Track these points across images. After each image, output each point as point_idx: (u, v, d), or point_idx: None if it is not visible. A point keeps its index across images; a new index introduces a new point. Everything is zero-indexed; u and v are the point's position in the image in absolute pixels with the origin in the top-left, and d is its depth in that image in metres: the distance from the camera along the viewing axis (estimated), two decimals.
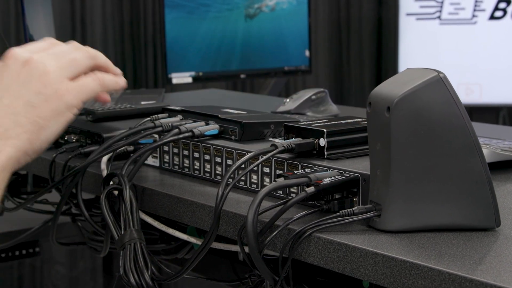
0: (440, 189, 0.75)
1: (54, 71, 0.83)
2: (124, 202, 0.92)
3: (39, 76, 0.82)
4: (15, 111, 0.79)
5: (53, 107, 0.81)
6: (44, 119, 0.81)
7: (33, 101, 0.80)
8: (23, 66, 0.82)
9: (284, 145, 0.87)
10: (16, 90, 0.81)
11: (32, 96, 0.81)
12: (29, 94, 0.81)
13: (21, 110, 0.80)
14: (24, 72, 0.82)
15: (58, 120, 0.82)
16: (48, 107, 0.81)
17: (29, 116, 0.80)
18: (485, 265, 0.68)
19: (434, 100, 0.74)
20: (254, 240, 0.77)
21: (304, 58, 2.60)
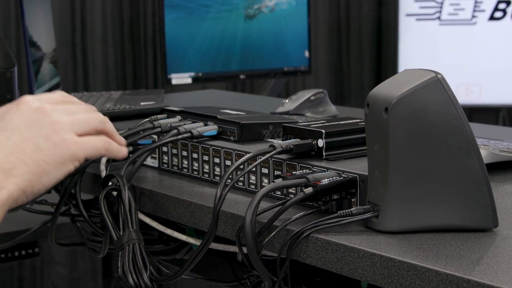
0: (438, 190, 0.76)
1: (65, 123, 0.85)
2: (123, 203, 0.92)
3: (50, 123, 0.84)
4: (23, 151, 0.81)
5: (59, 154, 0.83)
6: (48, 164, 0.82)
7: (41, 144, 0.82)
8: (35, 112, 0.84)
9: (282, 146, 0.87)
10: (26, 131, 0.82)
11: (40, 140, 0.82)
12: (38, 138, 0.82)
13: (28, 151, 0.81)
14: (35, 116, 0.84)
15: (60, 168, 0.83)
16: (54, 154, 0.83)
17: (35, 159, 0.81)
18: (482, 265, 0.68)
19: (432, 101, 0.75)
20: (252, 241, 0.78)
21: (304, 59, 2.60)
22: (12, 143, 0.81)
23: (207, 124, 1.02)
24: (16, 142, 0.81)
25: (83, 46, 3.12)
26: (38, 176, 0.81)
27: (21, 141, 0.82)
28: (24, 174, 0.80)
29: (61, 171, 0.84)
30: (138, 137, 1.01)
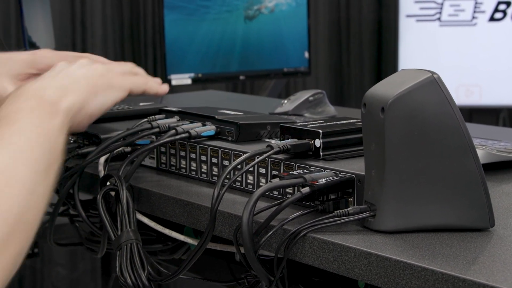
0: (434, 190, 0.76)
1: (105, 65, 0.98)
2: (121, 203, 0.92)
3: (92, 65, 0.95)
4: (75, 77, 0.90)
5: (107, 81, 0.94)
6: (99, 87, 0.92)
7: (90, 74, 0.93)
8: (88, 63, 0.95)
9: (279, 146, 0.87)
10: (75, 68, 0.92)
11: (89, 71, 0.93)
12: (86, 71, 0.93)
13: (80, 78, 0.91)
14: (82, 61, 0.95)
15: (110, 93, 0.94)
16: (102, 80, 0.93)
17: (87, 83, 0.91)
18: (478, 265, 0.68)
19: (428, 100, 0.75)
20: (249, 241, 0.78)
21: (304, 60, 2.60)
22: (64, 74, 0.90)
23: (205, 125, 1.02)
24: (67, 74, 0.90)
25: (83, 47, 3.12)
26: (92, 95, 0.90)
27: (72, 72, 0.91)
28: (80, 91, 0.88)
29: (111, 96, 0.94)
30: (136, 137, 1.02)
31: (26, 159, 0.71)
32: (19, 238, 0.66)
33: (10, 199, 0.67)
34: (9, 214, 0.66)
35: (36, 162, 0.72)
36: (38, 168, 0.71)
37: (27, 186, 0.69)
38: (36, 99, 0.79)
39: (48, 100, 0.81)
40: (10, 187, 0.67)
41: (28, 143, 0.73)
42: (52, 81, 0.86)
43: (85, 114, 0.89)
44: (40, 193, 0.71)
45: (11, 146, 0.71)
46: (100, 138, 1.11)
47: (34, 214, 0.69)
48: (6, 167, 0.69)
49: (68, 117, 0.82)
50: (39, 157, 0.72)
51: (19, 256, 0.67)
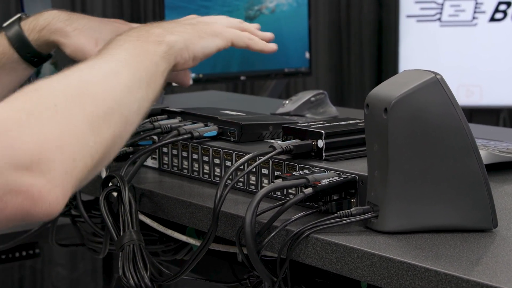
0: (437, 190, 0.76)
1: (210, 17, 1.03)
2: (123, 204, 0.92)
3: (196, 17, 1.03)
4: (180, 22, 0.97)
5: (211, 28, 0.99)
6: (204, 32, 0.97)
7: (195, 23, 0.99)
8: None
9: (282, 146, 0.87)
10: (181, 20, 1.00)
11: (193, 22, 0.99)
12: (191, 21, 0.99)
13: (186, 24, 0.97)
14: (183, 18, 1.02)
15: (213, 39, 0.98)
16: (207, 27, 0.99)
17: (192, 28, 0.96)
18: (481, 266, 0.68)
19: (431, 101, 0.75)
20: (252, 241, 0.78)
21: (304, 60, 2.60)
22: (172, 22, 0.97)
23: (207, 125, 1.02)
24: (175, 23, 0.97)
25: None
26: (196, 38, 0.95)
27: (179, 21, 0.98)
28: (185, 33, 0.94)
29: (214, 42, 0.98)
30: (138, 137, 1.02)
31: (128, 66, 0.80)
32: (116, 122, 0.74)
33: (109, 87, 0.76)
34: (108, 97, 0.75)
35: (137, 71, 0.81)
36: (138, 76, 0.81)
37: (126, 84, 0.78)
38: (145, 32, 0.89)
39: (155, 32, 0.89)
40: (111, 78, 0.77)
41: (131, 56, 0.82)
42: (160, 24, 0.94)
43: (189, 53, 0.94)
44: (138, 97, 0.79)
45: (116, 56, 0.81)
46: None
47: (130, 111, 0.78)
48: (109, 67, 0.79)
49: (172, 49, 0.90)
50: (140, 69, 0.82)
51: (117, 140, 0.75)
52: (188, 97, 2.01)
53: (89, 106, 0.72)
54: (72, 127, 0.69)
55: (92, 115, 0.72)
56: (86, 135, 0.70)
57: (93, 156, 0.71)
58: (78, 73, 0.76)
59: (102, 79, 0.76)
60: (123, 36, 0.87)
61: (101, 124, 0.72)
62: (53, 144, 0.67)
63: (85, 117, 0.71)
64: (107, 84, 0.76)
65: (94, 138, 0.71)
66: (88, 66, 0.78)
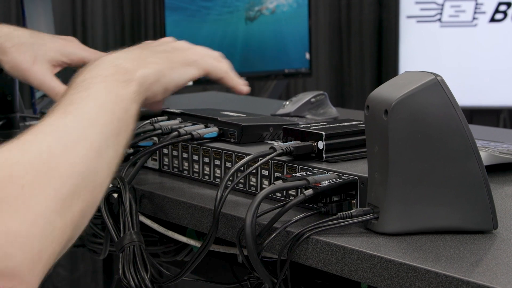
0: (437, 192, 0.76)
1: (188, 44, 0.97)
2: (124, 205, 0.92)
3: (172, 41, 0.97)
4: (155, 53, 0.91)
5: (185, 57, 0.93)
6: (176, 63, 0.92)
7: (168, 50, 0.93)
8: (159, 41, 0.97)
9: (282, 147, 0.87)
10: (154, 47, 0.94)
11: (167, 48, 0.94)
12: (165, 47, 0.94)
13: (159, 53, 0.92)
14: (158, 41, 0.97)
15: (187, 69, 0.93)
16: (180, 55, 0.93)
17: (165, 57, 0.91)
18: (482, 267, 0.68)
19: (432, 103, 0.75)
20: (253, 243, 0.78)
21: (305, 61, 2.60)
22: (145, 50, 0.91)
23: (208, 126, 1.02)
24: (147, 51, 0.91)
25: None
26: (169, 69, 0.90)
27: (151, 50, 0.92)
28: (157, 63, 0.89)
29: (187, 72, 0.93)
30: (139, 139, 1.02)
31: (96, 123, 0.73)
32: (85, 195, 0.68)
33: (78, 157, 0.68)
34: (75, 171, 0.67)
35: (106, 127, 0.73)
36: (108, 133, 0.73)
37: (95, 148, 0.70)
38: (113, 67, 0.81)
39: (124, 68, 0.82)
40: (79, 146, 0.69)
41: (100, 108, 0.74)
42: (131, 53, 0.88)
43: (160, 87, 0.88)
44: (108, 157, 0.72)
45: (83, 110, 0.73)
46: None
47: (101, 176, 0.71)
48: (76, 128, 0.70)
49: (143, 86, 0.83)
50: (109, 122, 0.74)
51: (86, 214, 0.69)
52: (189, 98, 2.01)
53: (56, 185, 0.65)
54: (38, 214, 0.63)
55: (59, 195, 0.65)
56: (52, 220, 0.64)
57: (61, 239, 0.65)
58: (43, 140, 0.68)
59: (69, 149, 0.68)
60: (88, 75, 0.79)
61: (69, 202, 0.66)
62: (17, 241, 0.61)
63: (52, 200, 0.64)
64: (75, 154, 0.68)
65: (61, 220, 0.65)
66: (53, 129, 0.70)
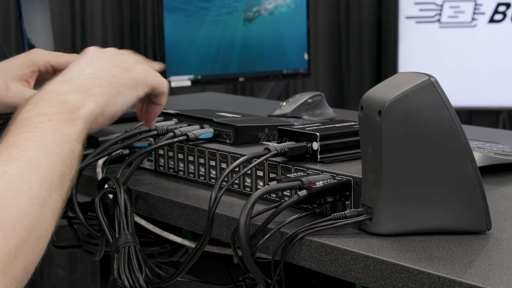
0: (431, 193, 0.76)
1: (133, 56, 0.94)
2: (119, 206, 0.92)
3: (118, 55, 0.92)
4: (98, 77, 0.87)
5: (130, 77, 0.90)
6: (122, 86, 0.88)
7: (114, 71, 0.89)
8: (103, 52, 0.93)
9: (277, 148, 0.87)
10: (98, 63, 0.89)
11: (112, 67, 0.89)
12: (110, 66, 0.89)
13: (103, 76, 0.87)
14: (104, 54, 0.92)
15: (133, 90, 0.90)
16: (126, 76, 0.89)
17: (110, 81, 0.87)
18: (474, 268, 0.68)
19: (425, 104, 0.75)
20: (247, 244, 0.78)
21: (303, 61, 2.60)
22: (87, 72, 0.87)
23: (203, 127, 1.02)
24: (90, 72, 0.87)
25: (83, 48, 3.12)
26: (114, 96, 0.86)
27: (95, 70, 0.88)
28: (102, 94, 0.85)
29: (133, 93, 0.90)
30: (134, 139, 1.02)
31: (40, 169, 0.69)
32: (29, 250, 0.65)
33: (21, 210, 0.65)
34: (19, 224, 0.64)
35: (51, 172, 0.70)
36: (53, 178, 0.70)
37: (39, 197, 0.67)
38: (58, 105, 0.78)
39: (70, 106, 0.79)
40: (21, 197, 0.66)
41: (45, 153, 0.71)
42: (76, 82, 0.84)
43: (106, 117, 0.86)
44: (53, 203, 0.69)
45: (26, 154, 0.70)
46: (98, 141, 1.11)
47: (45, 225, 0.68)
48: (18, 177, 0.67)
49: (88, 123, 0.80)
50: (54, 167, 0.71)
51: (29, 269, 0.66)
52: (186, 98, 2.01)
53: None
54: None
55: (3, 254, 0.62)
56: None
57: None
58: None
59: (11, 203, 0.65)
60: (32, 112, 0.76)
61: (12, 261, 0.63)
62: None
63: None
64: (18, 208, 0.65)
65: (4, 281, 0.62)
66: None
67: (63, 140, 0.75)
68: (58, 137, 0.74)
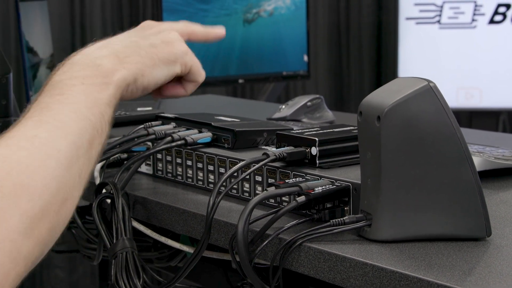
0: (430, 199, 0.75)
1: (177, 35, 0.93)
2: (116, 211, 0.92)
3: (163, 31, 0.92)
4: (139, 46, 0.88)
5: (171, 51, 0.90)
6: (160, 59, 0.89)
7: (156, 43, 0.89)
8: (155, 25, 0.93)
9: (276, 153, 0.87)
10: (143, 35, 0.90)
11: (156, 39, 0.90)
12: (153, 39, 0.90)
13: (144, 46, 0.88)
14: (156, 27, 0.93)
15: (169, 66, 0.90)
16: (166, 50, 0.90)
17: (149, 52, 0.88)
18: (474, 276, 0.67)
19: (424, 109, 0.74)
20: (244, 250, 0.77)
21: (303, 63, 2.60)
22: (130, 40, 0.88)
23: (202, 131, 1.01)
24: (134, 40, 0.88)
25: None
26: (150, 67, 0.87)
27: (138, 39, 0.89)
28: (138, 63, 0.85)
29: (170, 69, 0.90)
30: (132, 144, 1.01)
31: (70, 133, 0.71)
32: (54, 212, 0.66)
33: (48, 173, 0.66)
34: (46, 187, 0.66)
35: (81, 136, 0.72)
36: (81, 143, 0.72)
37: (67, 160, 0.69)
38: (92, 69, 0.79)
39: (103, 70, 0.80)
40: (50, 161, 0.67)
41: (75, 115, 0.73)
42: (115, 48, 0.85)
43: (139, 87, 0.86)
44: (79, 168, 0.71)
45: (58, 117, 0.71)
46: None
47: (71, 189, 0.69)
48: (49, 140, 0.69)
49: (120, 89, 0.81)
50: (84, 131, 0.73)
51: (55, 231, 0.67)
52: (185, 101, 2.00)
53: (24, 205, 0.63)
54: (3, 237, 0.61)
55: (27, 216, 0.63)
56: (19, 242, 0.62)
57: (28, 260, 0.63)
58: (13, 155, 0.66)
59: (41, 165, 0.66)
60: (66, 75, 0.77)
61: (37, 222, 0.63)
62: None
63: (18, 221, 0.62)
64: (46, 170, 0.66)
65: (28, 241, 0.63)
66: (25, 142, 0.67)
67: (94, 104, 0.76)
68: (90, 101, 0.76)
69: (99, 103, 0.77)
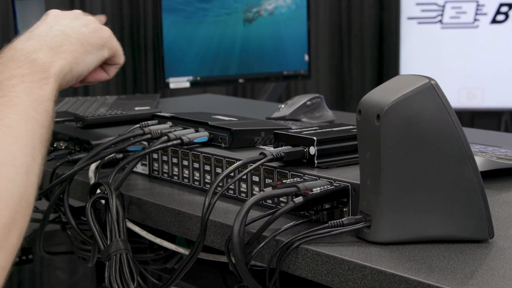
0: (431, 199, 0.73)
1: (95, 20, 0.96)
2: (110, 212, 0.90)
3: (85, 17, 0.94)
4: (67, 33, 0.88)
5: (99, 36, 0.92)
6: (90, 45, 0.90)
7: (82, 29, 0.91)
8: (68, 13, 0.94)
9: (273, 153, 0.85)
10: (67, 22, 0.90)
11: (81, 26, 0.91)
12: (79, 24, 0.91)
13: (72, 33, 0.89)
14: (70, 14, 0.93)
15: (99, 51, 0.92)
16: (94, 36, 0.91)
17: (79, 39, 0.89)
18: (476, 279, 0.65)
19: (425, 107, 0.72)
20: (240, 252, 0.75)
21: (303, 63, 2.58)
22: (56, 29, 0.87)
23: (198, 131, 0.99)
24: (60, 29, 0.88)
25: None
26: (82, 54, 0.88)
27: (64, 28, 0.89)
28: (71, 51, 0.86)
29: (99, 54, 0.92)
30: (128, 143, 0.99)
31: (20, 136, 0.69)
32: (21, 219, 0.65)
33: (9, 181, 0.65)
34: (10, 197, 0.64)
35: (31, 137, 0.70)
36: (33, 143, 0.70)
37: (24, 165, 0.67)
38: (28, 65, 0.78)
39: (40, 65, 0.79)
40: (7, 169, 0.65)
41: (22, 118, 0.71)
42: (45, 39, 0.84)
43: (74, 75, 0.87)
44: (37, 168, 0.69)
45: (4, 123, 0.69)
46: (91, 144, 1.08)
47: (32, 192, 0.68)
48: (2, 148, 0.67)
49: (59, 81, 0.82)
50: (33, 132, 0.71)
51: (21, 236, 0.66)
52: (184, 100, 1.99)
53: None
54: None
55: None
56: None
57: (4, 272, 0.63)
58: None
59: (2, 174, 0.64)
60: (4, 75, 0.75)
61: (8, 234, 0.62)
62: None
63: None
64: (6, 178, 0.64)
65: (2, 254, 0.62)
66: None
67: (38, 102, 0.75)
68: (33, 99, 0.74)
69: (42, 100, 0.75)
